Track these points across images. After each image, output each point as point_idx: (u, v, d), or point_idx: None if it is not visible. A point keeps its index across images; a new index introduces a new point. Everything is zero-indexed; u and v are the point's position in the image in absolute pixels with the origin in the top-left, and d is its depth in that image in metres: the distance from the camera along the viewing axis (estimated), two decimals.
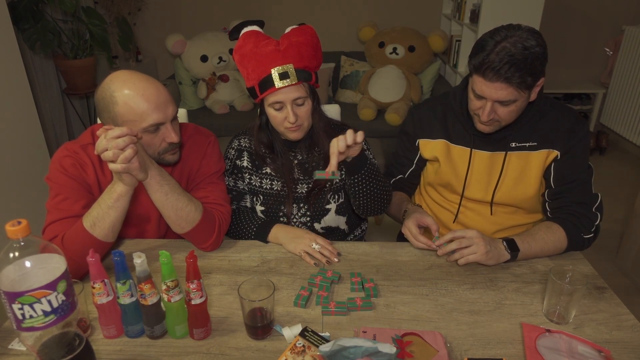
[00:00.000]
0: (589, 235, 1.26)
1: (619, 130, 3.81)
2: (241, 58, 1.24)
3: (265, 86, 1.22)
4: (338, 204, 1.41)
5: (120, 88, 1.09)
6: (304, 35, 1.23)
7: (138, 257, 0.91)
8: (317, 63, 1.27)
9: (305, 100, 1.26)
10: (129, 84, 1.09)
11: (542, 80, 1.17)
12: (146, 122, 1.10)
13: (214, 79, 3.48)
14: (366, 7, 3.88)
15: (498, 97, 1.14)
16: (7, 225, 0.72)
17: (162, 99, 1.12)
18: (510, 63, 1.08)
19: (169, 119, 1.14)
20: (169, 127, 1.15)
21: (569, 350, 0.93)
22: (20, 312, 0.74)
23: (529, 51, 1.08)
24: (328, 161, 1.31)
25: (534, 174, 1.31)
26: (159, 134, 1.15)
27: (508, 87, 1.11)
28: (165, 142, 1.17)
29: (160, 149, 1.18)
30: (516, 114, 1.21)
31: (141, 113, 1.09)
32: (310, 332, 0.96)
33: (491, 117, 1.19)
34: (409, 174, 1.50)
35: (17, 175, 2.32)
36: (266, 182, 1.40)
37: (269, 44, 1.21)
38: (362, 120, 3.30)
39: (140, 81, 1.11)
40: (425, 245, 1.25)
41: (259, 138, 1.38)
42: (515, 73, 1.08)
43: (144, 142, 1.14)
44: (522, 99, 1.16)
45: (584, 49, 3.97)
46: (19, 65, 2.33)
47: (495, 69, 1.09)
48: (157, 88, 1.12)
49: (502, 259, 1.20)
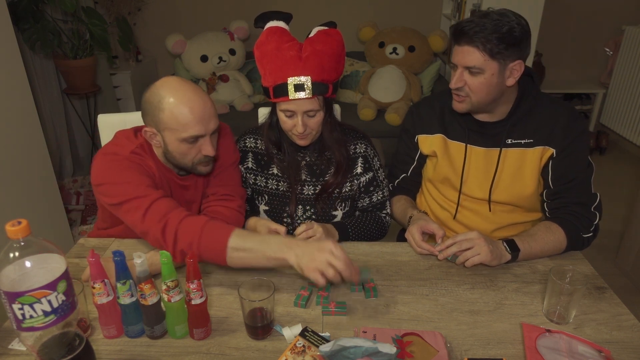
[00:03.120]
0: (588, 235, 1.26)
1: (619, 130, 3.81)
2: (261, 56, 1.22)
3: (279, 93, 1.20)
4: (344, 212, 1.41)
5: (168, 95, 1.11)
6: (329, 44, 1.20)
7: (138, 257, 0.91)
8: (338, 75, 1.25)
9: (317, 113, 1.25)
10: (179, 93, 1.11)
11: (518, 63, 1.19)
12: (187, 133, 1.12)
13: (214, 79, 3.48)
14: (366, 7, 3.88)
15: (465, 62, 1.19)
16: (7, 225, 0.72)
17: (207, 113, 1.14)
18: (480, 26, 1.14)
19: (209, 133, 1.16)
20: (208, 140, 1.16)
21: (569, 350, 0.93)
22: (20, 312, 0.74)
23: (500, 21, 1.13)
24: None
25: (531, 171, 1.31)
26: (197, 145, 1.16)
27: (474, 50, 1.16)
28: (201, 153, 1.18)
29: (195, 159, 1.19)
30: (487, 91, 1.22)
31: (184, 124, 1.11)
32: (310, 332, 0.96)
33: (459, 84, 1.23)
34: (411, 171, 1.50)
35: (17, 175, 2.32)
36: (272, 182, 1.40)
37: (291, 47, 1.18)
38: (362, 120, 3.30)
39: (189, 92, 1.12)
40: (426, 252, 1.25)
41: (268, 136, 1.38)
42: (479, 33, 1.14)
43: (180, 150, 1.16)
44: (490, 71, 1.18)
45: (584, 49, 3.97)
46: (19, 65, 2.33)
47: (464, 30, 1.16)
48: (204, 101, 1.13)
49: (503, 259, 1.20)
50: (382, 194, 1.45)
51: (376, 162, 1.44)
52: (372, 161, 1.42)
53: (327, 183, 1.37)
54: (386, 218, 1.46)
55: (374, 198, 1.44)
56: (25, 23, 2.97)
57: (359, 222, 1.38)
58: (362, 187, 1.43)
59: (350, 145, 1.40)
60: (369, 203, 1.45)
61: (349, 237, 1.35)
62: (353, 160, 1.40)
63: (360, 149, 1.41)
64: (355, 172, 1.41)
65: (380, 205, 1.46)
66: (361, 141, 1.42)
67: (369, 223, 1.40)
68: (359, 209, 1.47)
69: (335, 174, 1.37)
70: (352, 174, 1.40)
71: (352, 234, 1.35)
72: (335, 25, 1.26)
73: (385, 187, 1.47)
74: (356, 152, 1.41)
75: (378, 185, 1.44)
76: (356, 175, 1.41)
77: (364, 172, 1.41)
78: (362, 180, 1.42)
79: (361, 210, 1.47)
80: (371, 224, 1.40)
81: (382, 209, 1.46)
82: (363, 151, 1.41)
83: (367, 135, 1.45)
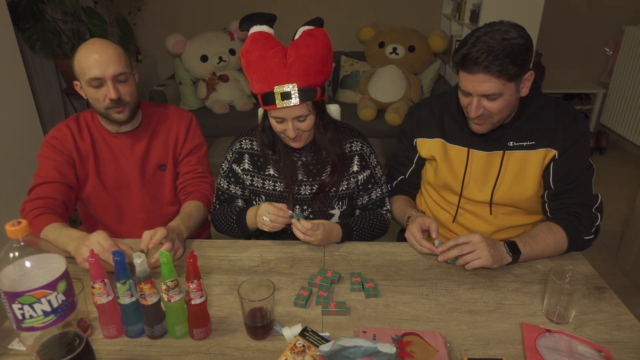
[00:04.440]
0: (590, 237, 1.26)
1: (619, 130, 3.81)
2: (247, 64, 1.21)
3: (267, 101, 1.20)
4: (342, 210, 1.41)
5: (79, 49, 1.32)
6: (314, 47, 1.18)
7: (138, 257, 0.91)
8: (326, 76, 1.24)
9: (307, 117, 1.25)
10: (86, 45, 1.31)
11: (530, 74, 1.17)
12: (87, 76, 1.29)
13: (214, 79, 3.48)
14: (366, 7, 3.88)
15: (482, 90, 1.14)
16: (7, 225, 0.72)
17: (106, 58, 1.28)
18: (488, 52, 1.09)
19: (108, 77, 1.29)
20: (110, 84, 1.30)
21: (569, 350, 0.93)
22: (20, 312, 0.74)
23: (508, 41, 1.09)
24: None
25: (533, 173, 1.30)
26: (102, 90, 1.31)
27: (490, 77, 1.12)
28: (107, 98, 1.31)
29: (105, 104, 1.32)
30: (507, 109, 1.20)
31: (84, 67, 1.29)
32: (310, 332, 0.96)
33: (479, 112, 1.19)
34: (409, 173, 1.50)
35: (17, 175, 2.32)
36: (269, 183, 1.40)
37: (276, 54, 1.17)
38: (362, 120, 3.30)
39: (93, 43, 1.31)
40: (428, 250, 1.25)
41: (261, 138, 1.38)
42: (493, 61, 1.09)
43: (90, 95, 1.32)
44: (509, 92, 1.15)
45: (584, 49, 3.97)
46: (19, 65, 2.33)
47: (473, 58, 1.10)
48: (104, 48, 1.30)
49: (504, 261, 1.19)
50: (381, 191, 1.45)
51: (373, 159, 1.44)
52: (369, 159, 1.42)
53: (324, 182, 1.37)
54: (387, 215, 1.46)
55: (373, 195, 1.44)
56: (25, 23, 2.97)
57: (362, 221, 1.39)
58: (361, 185, 1.43)
59: (346, 143, 1.40)
60: (368, 201, 1.45)
61: (353, 237, 1.35)
62: (349, 159, 1.40)
63: (356, 147, 1.41)
64: (352, 171, 1.41)
65: (380, 202, 1.46)
66: (356, 139, 1.42)
67: (371, 221, 1.40)
68: (358, 207, 1.47)
69: (332, 173, 1.37)
70: (349, 173, 1.40)
71: (356, 233, 1.36)
72: (321, 22, 1.24)
73: (384, 183, 1.47)
74: (352, 150, 1.41)
75: (376, 182, 1.44)
76: (353, 173, 1.41)
77: (361, 170, 1.41)
78: (360, 178, 1.42)
79: (361, 209, 1.47)
80: (373, 222, 1.40)
81: (382, 205, 1.46)
82: (359, 149, 1.41)
83: (362, 134, 1.45)
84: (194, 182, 1.50)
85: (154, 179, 1.49)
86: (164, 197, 1.52)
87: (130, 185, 1.47)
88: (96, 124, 1.43)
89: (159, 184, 1.50)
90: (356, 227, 1.36)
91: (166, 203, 1.52)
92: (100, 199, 1.46)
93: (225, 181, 1.45)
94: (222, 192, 1.46)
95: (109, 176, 1.44)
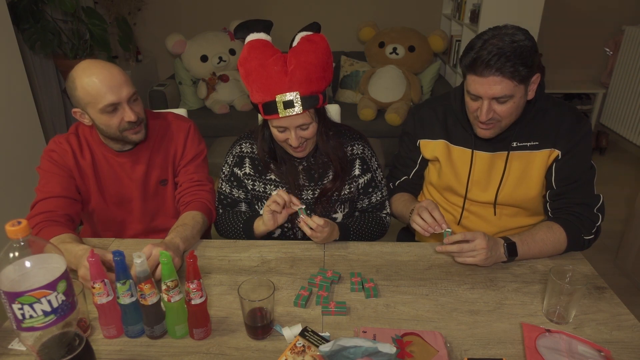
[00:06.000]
0: (590, 237, 1.26)
1: (619, 130, 3.81)
2: (246, 73, 1.19)
3: (269, 111, 1.18)
4: (344, 214, 1.41)
5: (78, 74, 1.23)
6: (314, 53, 1.16)
7: (138, 257, 0.91)
8: (327, 82, 1.22)
9: (310, 125, 1.24)
10: (86, 69, 1.23)
11: (537, 77, 1.17)
12: (102, 103, 1.22)
13: (214, 79, 3.48)
14: (366, 7, 3.88)
15: (494, 92, 1.13)
16: (7, 225, 0.72)
17: (116, 80, 1.23)
18: (500, 54, 1.08)
19: (124, 99, 1.25)
20: (126, 107, 1.25)
21: (569, 350, 0.93)
22: (20, 312, 0.74)
23: (517, 43, 1.09)
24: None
25: (536, 174, 1.30)
26: (117, 113, 1.26)
27: (502, 79, 1.11)
28: (124, 121, 1.27)
29: (121, 127, 1.28)
30: (515, 113, 1.20)
31: (96, 95, 1.22)
32: (310, 332, 0.96)
33: (490, 115, 1.18)
34: (413, 174, 1.50)
35: (17, 175, 2.32)
36: (270, 187, 1.39)
37: (276, 61, 1.15)
38: (362, 120, 3.30)
39: (94, 66, 1.23)
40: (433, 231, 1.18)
41: (261, 146, 1.37)
42: (506, 63, 1.09)
43: (103, 122, 1.26)
44: (519, 94, 1.15)
45: (584, 49, 3.97)
46: (19, 65, 2.33)
47: (485, 61, 1.10)
48: (110, 71, 1.23)
49: (498, 260, 1.20)
50: (381, 195, 1.45)
51: (374, 162, 1.43)
52: (370, 162, 1.42)
53: (326, 188, 1.37)
54: (386, 218, 1.46)
55: (372, 199, 1.44)
56: (25, 23, 2.97)
57: (360, 223, 1.38)
58: (361, 189, 1.42)
59: (347, 146, 1.40)
60: (368, 204, 1.44)
61: (350, 237, 1.35)
62: (350, 163, 1.39)
63: (357, 150, 1.40)
64: (354, 175, 1.40)
65: (380, 205, 1.45)
66: (358, 142, 1.41)
67: (369, 223, 1.40)
68: (358, 210, 1.47)
69: (334, 180, 1.36)
70: (350, 177, 1.40)
71: (353, 234, 1.35)
72: (318, 27, 1.22)
73: (384, 187, 1.46)
74: (353, 153, 1.40)
75: (377, 185, 1.43)
76: (354, 177, 1.40)
77: (362, 173, 1.41)
78: (361, 182, 1.41)
79: (361, 211, 1.47)
80: (372, 224, 1.40)
81: (382, 209, 1.46)
82: (360, 152, 1.40)
83: (363, 135, 1.44)
84: (192, 190, 1.44)
85: (155, 193, 1.46)
86: (166, 210, 1.49)
87: (132, 200, 1.45)
88: (96, 141, 1.38)
89: (161, 198, 1.48)
90: (353, 228, 1.36)
91: (169, 216, 1.50)
92: (102, 214, 1.45)
93: (227, 185, 1.44)
94: (225, 196, 1.45)
95: (111, 193, 1.42)
